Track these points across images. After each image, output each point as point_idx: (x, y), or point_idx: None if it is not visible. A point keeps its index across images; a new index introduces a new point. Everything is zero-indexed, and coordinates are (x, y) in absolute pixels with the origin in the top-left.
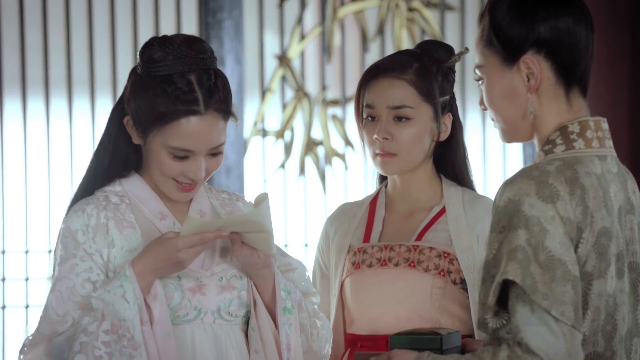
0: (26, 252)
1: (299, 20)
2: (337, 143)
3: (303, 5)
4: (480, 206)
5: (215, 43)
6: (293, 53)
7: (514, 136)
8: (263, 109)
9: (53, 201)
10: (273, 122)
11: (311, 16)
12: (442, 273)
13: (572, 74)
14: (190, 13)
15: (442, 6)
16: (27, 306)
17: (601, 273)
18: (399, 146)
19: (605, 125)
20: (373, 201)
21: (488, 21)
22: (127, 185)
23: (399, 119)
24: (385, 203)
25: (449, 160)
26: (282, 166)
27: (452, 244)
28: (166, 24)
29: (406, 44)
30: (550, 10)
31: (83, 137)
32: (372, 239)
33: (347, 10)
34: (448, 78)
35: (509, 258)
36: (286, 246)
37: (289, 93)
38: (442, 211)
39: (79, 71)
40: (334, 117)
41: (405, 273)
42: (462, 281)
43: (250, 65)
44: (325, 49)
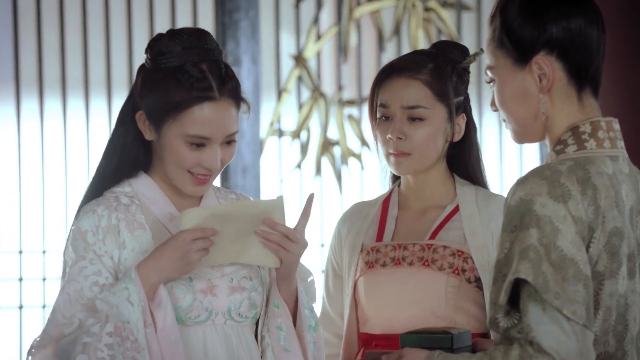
0: (43, 252)
1: (315, 20)
2: (353, 143)
3: (319, 5)
4: (494, 204)
5: (231, 43)
6: (309, 53)
7: (526, 137)
8: (279, 109)
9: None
10: (289, 122)
11: (327, 16)
12: (457, 271)
13: (584, 75)
14: (206, 13)
15: (459, 6)
16: (44, 306)
17: (612, 273)
18: (413, 146)
19: (616, 125)
20: (386, 200)
21: (499, 22)
22: (137, 185)
23: (413, 119)
24: (398, 202)
25: (463, 160)
26: (299, 166)
27: (467, 242)
28: (182, 24)
29: (422, 44)
30: (561, 10)
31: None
32: (385, 238)
33: (364, 10)
34: (463, 79)
35: (521, 257)
36: None
37: (305, 93)
38: (456, 210)
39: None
40: (350, 117)
41: (419, 272)
42: (477, 279)
43: (266, 65)
44: (341, 49)
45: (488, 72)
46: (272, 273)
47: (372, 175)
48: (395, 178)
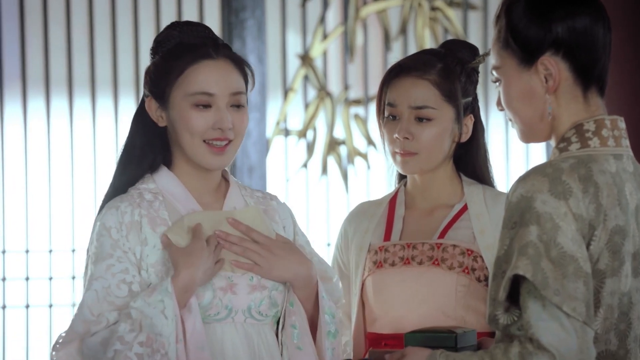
0: (50, 251)
1: (322, 19)
2: (360, 142)
3: (325, 4)
4: (502, 203)
5: (237, 43)
6: (315, 52)
7: (532, 137)
8: (285, 109)
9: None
10: (295, 122)
11: (334, 16)
12: (467, 270)
13: (590, 74)
14: (213, 12)
15: (465, 5)
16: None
17: (614, 271)
18: (420, 146)
19: (622, 124)
20: (392, 200)
21: (504, 23)
22: (160, 182)
23: (420, 119)
24: (404, 201)
25: (470, 161)
26: (305, 166)
27: (476, 241)
28: None
29: (429, 44)
30: (567, 10)
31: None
32: (393, 238)
33: (370, 9)
34: (471, 79)
35: (520, 253)
36: None
37: (312, 92)
38: (464, 209)
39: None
40: (357, 117)
41: (429, 271)
42: (487, 278)
43: (272, 64)
44: (347, 49)
45: (494, 72)
46: None
47: (379, 174)
48: (401, 177)
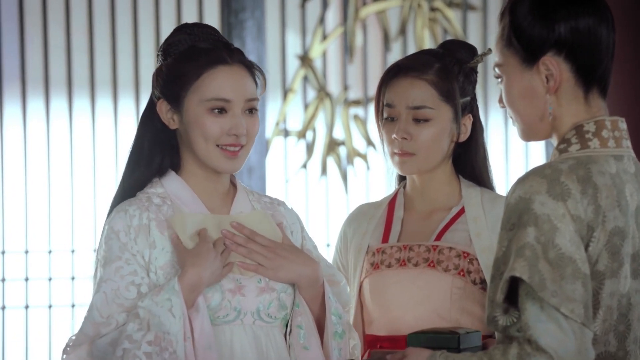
0: (46, 252)
1: (321, 20)
2: (359, 143)
3: (325, 5)
4: (500, 206)
5: (237, 43)
6: (315, 53)
7: (532, 135)
8: (285, 109)
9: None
10: (295, 123)
11: (333, 16)
12: (462, 273)
13: (592, 76)
14: (212, 13)
15: (465, 6)
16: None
17: (614, 272)
18: (418, 146)
19: (623, 125)
20: (391, 202)
21: (508, 21)
22: (169, 186)
23: (418, 120)
24: (403, 203)
25: (469, 161)
26: (304, 166)
27: (472, 244)
28: None
29: (428, 44)
30: (570, 10)
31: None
32: (391, 240)
33: (369, 10)
34: (470, 79)
35: (517, 255)
36: None
37: (311, 93)
38: (461, 211)
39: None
40: (356, 117)
41: (424, 273)
42: (482, 281)
43: (272, 65)
44: (347, 49)
45: (496, 69)
46: None
47: (378, 175)
48: (401, 178)
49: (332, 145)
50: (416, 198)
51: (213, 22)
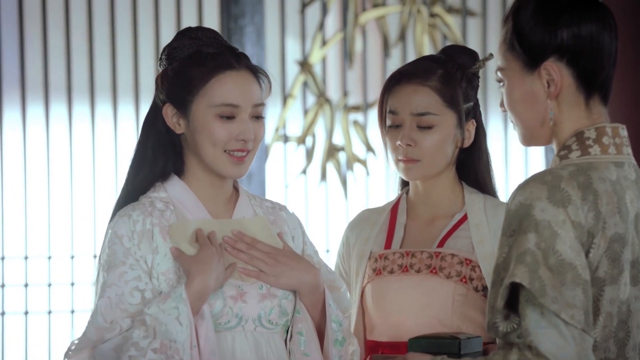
0: (49, 258)
1: (321, 26)
2: (359, 149)
3: (324, 11)
4: (503, 213)
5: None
6: (314, 59)
7: (533, 140)
8: (284, 115)
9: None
10: (294, 128)
11: (333, 22)
12: (464, 280)
13: (594, 82)
14: (212, 18)
15: (464, 12)
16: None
17: (614, 279)
18: (422, 152)
19: (624, 132)
20: (394, 207)
21: (511, 25)
22: (171, 190)
23: (422, 127)
24: (406, 209)
25: (472, 167)
26: (304, 172)
27: (474, 251)
28: None
29: (428, 50)
30: (573, 16)
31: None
32: (394, 245)
33: (369, 16)
34: (472, 84)
35: (518, 261)
36: None
37: (311, 99)
38: (464, 218)
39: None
40: (356, 123)
41: (426, 280)
42: (484, 288)
43: (271, 71)
44: (346, 55)
45: (498, 73)
46: None
47: (378, 181)
48: (404, 184)
49: (332, 151)
50: (419, 204)
51: (213, 27)
